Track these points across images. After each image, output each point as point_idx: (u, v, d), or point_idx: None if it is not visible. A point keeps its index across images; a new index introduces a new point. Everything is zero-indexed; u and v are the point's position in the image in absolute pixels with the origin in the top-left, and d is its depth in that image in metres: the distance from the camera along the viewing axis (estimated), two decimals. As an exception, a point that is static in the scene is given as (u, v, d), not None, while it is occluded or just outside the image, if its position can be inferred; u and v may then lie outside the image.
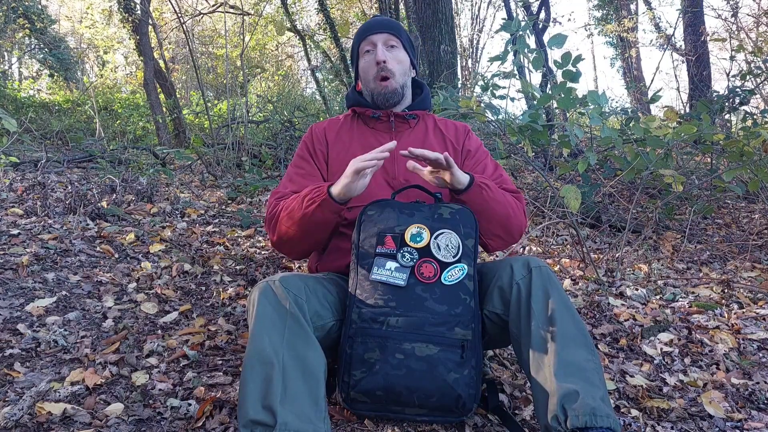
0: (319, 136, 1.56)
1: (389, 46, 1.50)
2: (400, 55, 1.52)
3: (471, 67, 17.33)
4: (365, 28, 1.53)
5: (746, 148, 2.76)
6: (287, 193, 1.47)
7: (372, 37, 1.50)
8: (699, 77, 7.79)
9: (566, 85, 2.33)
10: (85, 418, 1.22)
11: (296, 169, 1.54)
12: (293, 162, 1.57)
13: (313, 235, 1.38)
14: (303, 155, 1.55)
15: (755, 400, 1.50)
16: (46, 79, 12.92)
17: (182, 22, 6.22)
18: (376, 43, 1.49)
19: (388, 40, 1.50)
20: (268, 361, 1.09)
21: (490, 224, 1.41)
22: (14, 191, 3.15)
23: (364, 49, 1.52)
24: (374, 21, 1.55)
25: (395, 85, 1.49)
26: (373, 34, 1.50)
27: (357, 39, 1.55)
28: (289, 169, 1.55)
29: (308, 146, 1.56)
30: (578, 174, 3.40)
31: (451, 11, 5.75)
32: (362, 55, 1.53)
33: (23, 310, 1.72)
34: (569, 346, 1.16)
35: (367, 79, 1.52)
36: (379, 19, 1.55)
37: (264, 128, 6.16)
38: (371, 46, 1.50)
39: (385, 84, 1.49)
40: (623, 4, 13.02)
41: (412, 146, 1.53)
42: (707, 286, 2.46)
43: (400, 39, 1.52)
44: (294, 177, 1.52)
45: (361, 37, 1.53)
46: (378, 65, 1.48)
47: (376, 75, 1.49)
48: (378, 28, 1.51)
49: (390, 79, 1.49)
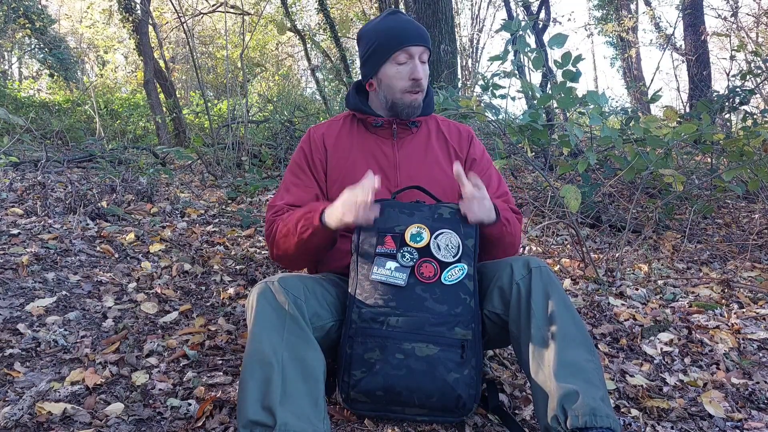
0: (317, 144, 1.51)
1: (422, 60, 1.44)
2: (428, 69, 1.48)
3: (471, 67, 17.33)
4: (404, 36, 1.41)
5: (746, 147, 2.76)
6: (283, 207, 1.45)
7: (411, 48, 1.40)
8: (699, 77, 7.79)
9: (566, 85, 2.33)
10: (85, 418, 1.22)
11: (293, 179, 1.51)
12: (290, 169, 1.53)
13: (312, 254, 1.40)
14: (300, 164, 1.51)
15: (755, 400, 1.50)
16: (46, 79, 12.92)
17: (182, 21, 6.22)
18: (414, 55, 1.41)
19: (424, 54, 1.43)
20: (268, 361, 1.09)
21: (495, 250, 1.43)
22: (14, 191, 3.15)
23: (399, 58, 1.42)
24: (413, 29, 1.43)
25: (422, 98, 1.47)
26: (413, 46, 1.40)
27: (392, 44, 1.41)
28: (286, 177, 1.53)
29: (306, 154, 1.51)
30: (578, 174, 3.40)
31: (451, 11, 5.75)
32: (393, 62, 1.42)
33: (23, 310, 1.72)
34: (569, 346, 1.16)
35: (393, 88, 1.44)
36: (411, 27, 1.43)
37: (264, 128, 6.15)
38: (408, 58, 1.42)
39: (415, 97, 1.44)
40: (623, 4, 13.01)
41: (415, 153, 1.51)
42: (707, 286, 2.46)
43: (430, 51, 1.46)
44: (291, 187, 1.49)
45: (399, 43, 1.40)
46: (414, 81, 1.42)
47: (410, 89, 1.43)
48: (418, 39, 1.41)
49: (420, 93, 1.45)
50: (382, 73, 1.44)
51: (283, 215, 1.43)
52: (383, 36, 1.43)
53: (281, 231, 1.38)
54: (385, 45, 1.42)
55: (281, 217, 1.42)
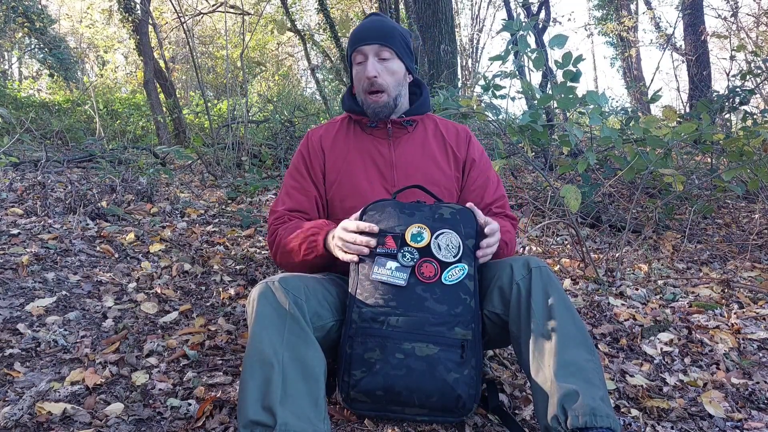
0: (315, 147, 1.53)
1: (381, 58, 1.43)
2: (393, 66, 1.44)
3: (471, 67, 17.33)
4: (357, 37, 1.45)
5: (746, 147, 2.76)
6: (285, 214, 1.49)
7: (363, 47, 1.43)
8: (699, 77, 7.79)
9: (566, 85, 2.33)
10: (85, 418, 1.22)
11: (293, 182, 1.53)
12: (290, 172, 1.56)
13: (313, 269, 1.43)
14: (299, 168, 1.54)
15: (755, 400, 1.50)
16: (46, 79, 12.91)
17: (182, 22, 6.22)
18: (367, 54, 1.43)
19: (380, 52, 1.42)
20: (268, 361, 1.09)
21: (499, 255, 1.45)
22: (14, 191, 3.15)
23: (356, 60, 1.46)
24: (366, 28, 1.45)
25: (386, 99, 1.45)
26: (365, 45, 1.42)
27: (349, 46, 1.48)
28: (286, 180, 1.55)
29: (305, 158, 1.54)
30: (578, 174, 3.40)
31: (451, 11, 5.75)
32: (354, 65, 1.48)
33: (23, 310, 1.72)
34: (569, 346, 1.16)
35: (359, 90, 1.48)
36: (371, 26, 1.45)
37: (264, 128, 6.15)
38: (363, 57, 1.44)
39: (375, 99, 1.44)
40: (623, 4, 13.02)
41: (411, 152, 1.51)
42: (707, 286, 2.46)
43: (392, 48, 1.43)
44: (291, 191, 1.52)
45: (353, 45, 1.46)
46: (369, 80, 1.42)
47: (367, 89, 1.44)
48: (369, 38, 1.42)
49: (381, 92, 1.44)
50: (353, 76, 1.50)
51: (285, 224, 1.47)
52: (348, 42, 1.50)
53: (284, 247, 1.42)
54: (348, 49, 1.49)
55: (284, 227, 1.45)
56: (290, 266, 1.45)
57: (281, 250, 1.44)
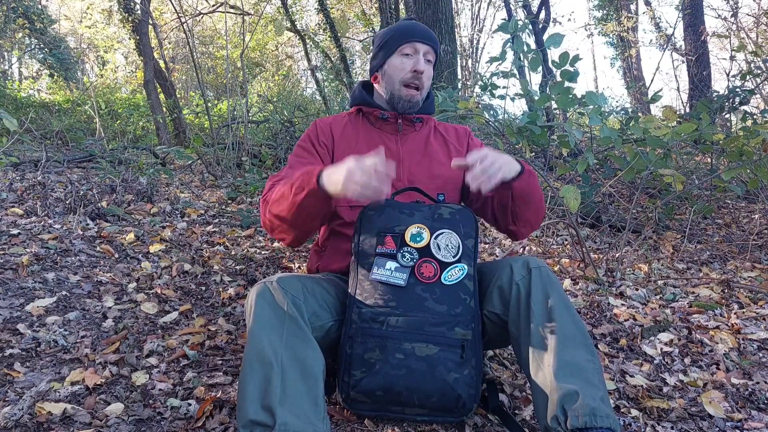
0: (324, 130, 1.54)
1: (427, 60, 1.49)
2: (431, 71, 1.51)
3: (471, 67, 17.33)
4: (412, 31, 1.48)
5: (746, 147, 2.76)
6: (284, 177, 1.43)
7: (417, 44, 1.47)
8: (699, 77, 7.78)
9: (564, 85, 2.33)
10: (85, 418, 1.22)
11: (297, 158, 1.51)
12: (294, 152, 1.54)
13: (303, 220, 1.32)
14: (305, 146, 1.52)
15: (755, 400, 1.50)
16: (46, 79, 12.92)
17: (182, 22, 6.22)
18: (419, 50, 1.47)
19: (428, 53, 1.48)
20: (267, 361, 1.09)
21: (529, 211, 1.43)
22: (14, 191, 3.15)
23: (404, 50, 1.47)
24: (421, 28, 1.50)
25: (419, 98, 1.49)
26: (420, 42, 1.47)
27: (399, 36, 1.48)
28: (290, 158, 1.53)
29: (311, 138, 1.53)
30: (578, 174, 3.40)
31: (451, 11, 5.75)
32: (398, 54, 1.48)
33: (23, 310, 1.72)
34: (569, 346, 1.16)
35: (394, 79, 1.48)
36: (423, 28, 1.51)
37: (264, 128, 6.15)
38: (413, 51, 1.47)
39: (413, 93, 1.47)
40: (623, 4, 13.02)
41: (416, 148, 1.53)
42: (707, 286, 2.46)
43: (436, 55, 1.52)
44: (294, 164, 1.49)
45: (406, 37, 1.48)
46: (415, 73, 1.46)
47: (409, 81, 1.46)
48: (425, 37, 1.48)
49: (419, 90, 1.48)
50: (388, 63, 1.49)
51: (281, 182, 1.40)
52: (395, 31, 1.51)
53: (276, 193, 1.34)
54: (395, 38, 1.49)
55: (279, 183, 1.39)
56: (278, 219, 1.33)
57: (272, 198, 1.34)
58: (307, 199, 1.24)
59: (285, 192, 1.30)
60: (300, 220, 1.31)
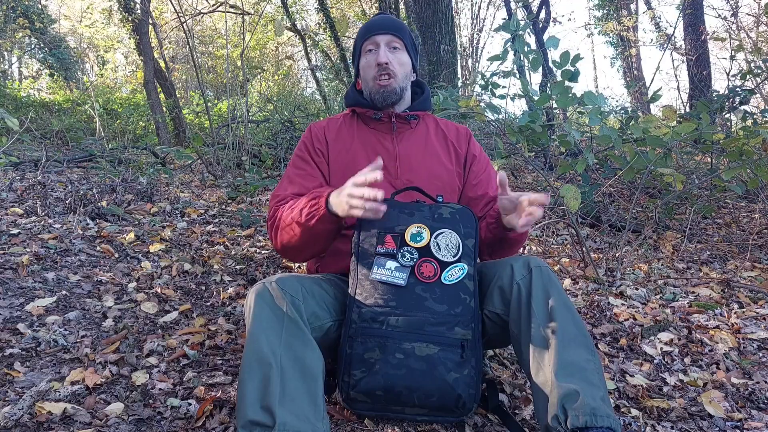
0: (318, 135, 1.54)
1: (392, 47, 1.48)
2: (403, 57, 1.50)
3: (471, 66, 17.33)
4: (369, 27, 1.51)
5: (746, 147, 2.76)
6: (287, 196, 1.44)
7: (376, 37, 1.48)
8: (699, 77, 7.78)
9: (564, 84, 2.33)
10: (85, 418, 1.22)
11: (296, 170, 1.51)
12: (292, 162, 1.54)
13: (316, 243, 1.36)
14: (302, 156, 1.52)
15: (755, 399, 1.50)
16: (46, 79, 12.92)
17: (182, 21, 6.22)
18: (379, 43, 1.48)
19: (392, 42, 1.48)
20: (266, 361, 1.09)
21: (510, 251, 1.49)
22: (14, 191, 3.15)
23: (366, 48, 1.50)
24: (379, 20, 1.52)
25: (395, 85, 1.48)
26: (377, 35, 1.48)
27: (360, 36, 1.53)
28: (288, 170, 1.53)
29: (307, 146, 1.53)
30: (578, 174, 3.40)
31: (451, 11, 5.75)
32: (364, 54, 1.51)
33: (23, 310, 1.72)
34: (569, 346, 1.16)
35: (366, 79, 1.51)
36: (383, 19, 1.52)
37: (264, 128, 6.16)
38: (374, 46, 1.48)
39: (385, 84, 1.47)
40: (623, 4, 13.02)
41: (414, 147, 1.52)
42: (707, 285, 2.46)
43: (403, 41, 1.50)
44: (294, 178, 1.49)
45: (365, 35, 1.51)
46: (379, 66, 1.46)
47: (376, 75, 1.47)
48: (382, 28, 1.49)
49: (391, 79, 1.47)
50: (360, 68, 1.53)
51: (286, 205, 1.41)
52: (358, 34, 1.54)
53: (285, 220, 1.35)
54: (357, 40, 1.54)
55: (285, 206, 1.40)
56: (292, 245, 1.36)
57: (281, 225, 1.36)
58: (319, 224, 1.27)
59: (295, 218, 1.31)
60: (312, 243, 1.35)
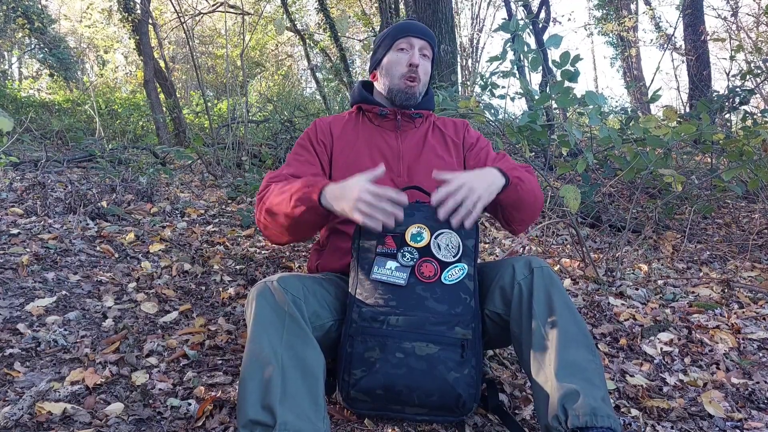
0: (323, 129, 1.56)
1: (423, 54, 1.52)
2: (428, 66, 1.54)
3: (471, 66, 17.33)
4: (406, 27, 1.53)
5: (746, 147, 2.76)
6: (282, 175, 1.44)
7: (412, 39, 1.51)
8: (699, 77, 7.78)
9: (564, 84, 2.33)
10: (85, 418, 1.22)
11: (295, 156, 1.53)
12: (293, 150, 1.56)
13: (299, 230, 1.34)
14: (304, 144, 1.54)
15: (755, 399, 1.50)
16: (46, 79, 12.92)
17: (182, 21, 6.22)
18: (414, 45, 1.50)
19: (424, 48, 1.52)
20: (267, 361, 1.09)
21: (523, 213, 1.43)
22: (14, 191, 3.15)
23: (399, 45, 1.51)
24: (415, 24, 1.55)
25: (417, 90, 1.51)
26: (415, 37, 1.51)
27: (395, 33, 1.53)
28: (289, 156, 1.55)
29: (311, 137, 1.55)
30: (578, 174, 3.40)
31: (451, 11, 5.75)
32: (395, 50, 1.52)
33: (23, 310, 1.72)
34: (570, 346, 1.16)
35: (392, 74, 1.51)
36: (420, 24, 1.55)
37: (264, 128, 6.16)
38: (408, 46, 1.51)
39: (412, 84, 1.50)
40: (623, 4, 13.02)
41: (414, 144, 1.54)
42: (707, 285, 2.46)
43: (432, 51, 1.54)
44: (292, 162, 1.51)
45: (402, 33, 1.52)
46: (410, 67, 1.49)
47: (406, 74, 1.49)
48: (420, 32, 1.52)
49: (417, 83, 1.50)
50: (386, 59, 1.54)
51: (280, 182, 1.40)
52: (392, 29, 1.56)
53: (274, 197, 1.33)
54: (391, 35, 1.54)
55: (278, 184, 1.38)
56: (273, 223, 1.34)
57: (269, 202, 1.34)
58: (305, 214, 1.27)
59: (283, 200, 1.30)
60: (294, 229, 1.33)
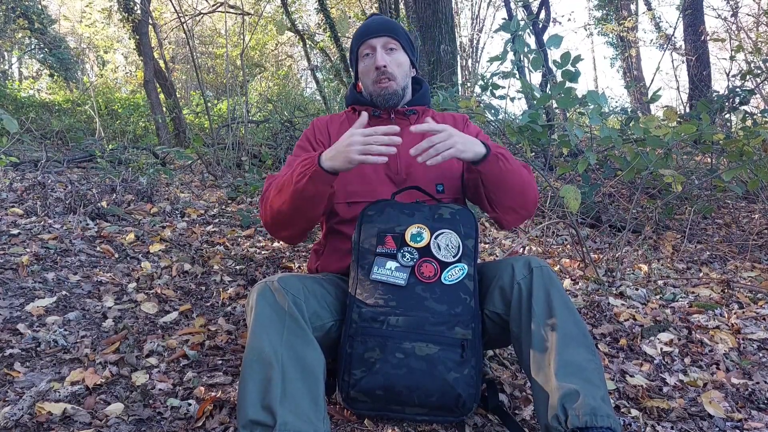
0: (320, 128, 1.57)
1: (388, 49, 1.49)
2: (400, 57, 1.51)
3: (471, 67, 17.33)
4: (363, 31, 1.52)
5: (746, 147, 2.76)
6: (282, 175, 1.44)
7: (371, 40, 1.49)
8: (699, 77, 7.78)
9: (565, 85, 2.33)
10: (85, 418, 1.22)
11: (295, 158, 1.53)
12: (293, 152, 1.57)
13: (306, 210, 1.33)
14: (303, 145, 1.55)
15: (755, 400, 1.50)
16: (46, 79, 12.92)
17: (182, 21, 6.22)
18: (375, 46, 1.48)
19: (387, 43, 1.49)
20: (267, 361, 1.09)
21: (507, 196, 1.40)
22: (14, 191, 3.15)
23: (363, 53, 1.51)
24: (372, 23, 1.53)
25: (396, 87, 1.49)
26: (372, 38, 1.49)
27: (355, 41, 1.54)
28: (289, 158, 1.55)
29: (309, 137, 1.56)
30: (578, 174, 3.40)
31: (451, 11, 5.74)
32: (361, 59, 1.52)
33: (23, 310, 1.72)
34: (570, 346, 1.16)
35: (366, 83, 1.52)
36: (377, 21, 1.53)
37: (264, 128, 6.16)
38: (370, 50, 1.49)
39: (385, 86, 1.48)
40: (623, 4, 13.01)
41: (412, 142, 1.53)
42: (707, 286, 2.46)
43: (398, 41, 1.51)
44: (292, 163, 1.50)
45: (360, 40, 1.52)
46: (378, 70, 1.47)
47: (376, 79, 1.48)
48: (377, 30, 1.49)
49: (391, 81, 1.48)
50: (359, 72, 1.54)
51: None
52: (353, 39, 1.55)
53: (276, 186, 1.35)
54: (353, 45, 1.54)
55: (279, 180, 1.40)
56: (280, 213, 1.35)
57: (272, 194, 1.35)
58: (309, 183, 1.27)
59: (286, 181, 1.31)
60: (301, 209, 1.32)
